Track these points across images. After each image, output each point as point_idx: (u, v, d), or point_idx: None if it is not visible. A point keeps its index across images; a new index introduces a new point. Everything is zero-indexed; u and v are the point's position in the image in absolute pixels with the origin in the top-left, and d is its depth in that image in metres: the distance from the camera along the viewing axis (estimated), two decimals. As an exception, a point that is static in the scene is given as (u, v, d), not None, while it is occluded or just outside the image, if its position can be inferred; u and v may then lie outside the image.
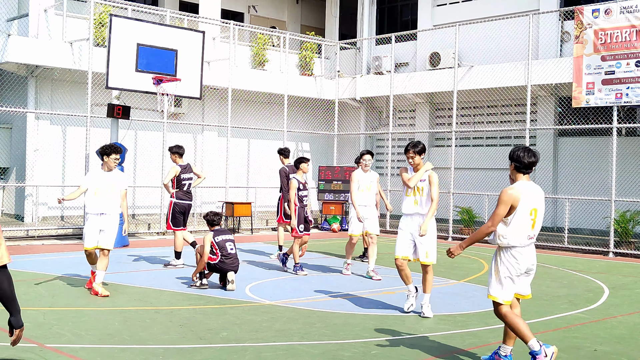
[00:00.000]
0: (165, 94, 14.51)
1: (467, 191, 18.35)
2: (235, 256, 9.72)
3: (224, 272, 9.62)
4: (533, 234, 5.94)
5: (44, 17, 16.38)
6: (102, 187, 9.16)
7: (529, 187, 5.87)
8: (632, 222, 15.38)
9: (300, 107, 21.37)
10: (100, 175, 9.28)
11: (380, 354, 6.46)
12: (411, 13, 23.00)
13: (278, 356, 6.28)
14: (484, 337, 7.18)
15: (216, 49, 19.48)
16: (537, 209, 5.89)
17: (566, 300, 9.45)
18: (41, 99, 16.89)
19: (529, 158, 5.86)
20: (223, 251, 9.57)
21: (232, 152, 19.46)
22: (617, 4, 14.87)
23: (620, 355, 6.65)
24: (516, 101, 19.03)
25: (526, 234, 5.86)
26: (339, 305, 8.69)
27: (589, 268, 12.93)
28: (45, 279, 10.14)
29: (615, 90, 14.88)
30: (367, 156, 11.04)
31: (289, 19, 26.18)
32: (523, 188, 5.84)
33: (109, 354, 6.21)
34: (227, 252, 9.59)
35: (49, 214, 17.00)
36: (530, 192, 5.85)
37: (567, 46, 18.40)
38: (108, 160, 9.26)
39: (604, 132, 16.59)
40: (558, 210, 18.28)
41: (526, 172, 5.91)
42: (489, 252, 15.10)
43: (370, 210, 11.17)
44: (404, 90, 20.44)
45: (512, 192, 5.79)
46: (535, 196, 5.88)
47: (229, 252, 9.61)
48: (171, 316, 7.82)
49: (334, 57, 22.55)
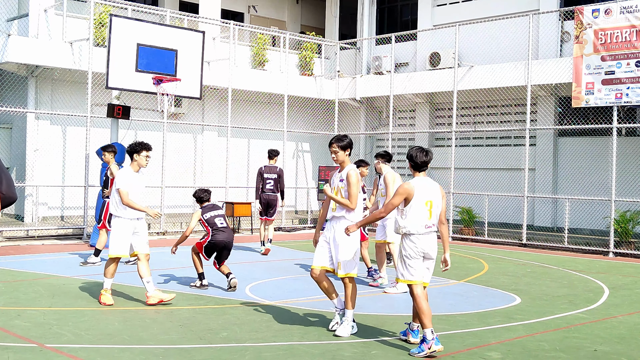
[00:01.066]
0: (165, 94, 14.50)
1: (467, 191, 18.34)
2: (228, 229, 9.53)
3: (220, 249, 9.41)
4: (431, 223, 6.67)
5: (44, 17, 16.38)
6: (136, 189, 8.45)
7: (425, 182, 6.72)
8: (632, 222, 15.38)
9: (300, 107, 21.37)
10: (132, 176, 8.49)
11: (380, 354, 6.46)
12: (411, 13, 22.99)
13: (278, 356, 6.28)
14: (484, 337, 7.18)
15: (216, 49, 19.48)
16: (432, 201, 6.66)
17: (566, 300, 9.45)
18: (41, 99, 16.89)
19: (422, 157, 6.74)
20: (213, 227, 9.43)
21: (232, 152, 19.45)
22: (617, 4, 14.87)
23: (620, 355, 6.65)
24: (516, 101, 19.02)
25: (423, 223, 6.62)
26: (339, 305, 8.68)
27: (589, 268, 12.93)
28: (43, 278, 10.14)
29: (615, 90, 14.88)
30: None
31: (289, 19, 26.18)
32: (418, 183, 6.68)
33: (109, 354, 6.21)
34: (217, 227, 9.42)
35: (49, 214, 17.00)
36: (424, 187, 6.68)
37: (567, 46, 18.40)
38: (139, 158, 8.46)
39: (604, 132, 16.59)
40: (558, 210, 18.29)
41: (421, 170, 6.76)
42: (489, 252, 15.11)
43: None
44: (404, 90, 20.44)
45: (407, 187, 6.66)
46: (430, 190, 6.69)
47: (220, 226, 9.43)
48: (171, 316, 7.82)
49: (334, 57, 22.55)
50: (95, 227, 14.54)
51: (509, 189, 18.16)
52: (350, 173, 7.13)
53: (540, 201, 18.53)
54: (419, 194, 6.61)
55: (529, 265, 13.04)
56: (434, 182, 6.77)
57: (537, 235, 17.10)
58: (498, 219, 18.21)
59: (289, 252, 14.17)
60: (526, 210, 16.71)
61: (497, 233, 17.62)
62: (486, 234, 17.22)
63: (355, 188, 7.09)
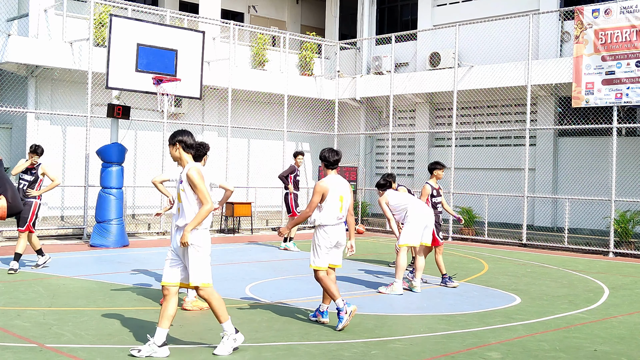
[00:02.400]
0: (165, 94, 14.51)
1: (467, 191, 18.34)
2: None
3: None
4: (341, 215, 7.54)
5: (44, 17, 16.38)
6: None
7: (336, 179, 7.55)
8: (632, 222, 15.38)
9: (300, 107, 21.37)
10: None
11: (380, 354, 6.46)
12: (411, 13, 23.00)
13: (278, 356, 6.28)
14: (484, 337, 7.18)
15: (216, 49, 19.49)
16: (343, 196, 7.52)
17: (566, 300, 9.45)
18: (41, 99, 16.89)
19: (333, 157, 7.57)
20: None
21: (232, 152, 19.46)
22: (617, 4, 14.87)
23: (620, 355, 6.65)
24: (516, 101, 19.02)
25: (335, 215, 7.47)
26: (339, 305, 8.68)
27: (589, 268, 12.93)
28: (43, 278, 10.14)
29: (615, 90, 14.88)
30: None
31: (289, 19, 26.18)
32: (332, 180, 7.50)
33: (109, 354, 6.21)
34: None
35: (49, 214, 17.00)
36: (337, 183, 7.51)
37: (567, 46, 18.40)
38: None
39: (604, 132, 16.59)
40: (558, 210, 18.29)
41: (333, 168, 7.58)
42: (489, 252, 15.11)
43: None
44: (404, 90, 20.45)
45: (322, 185, 7.45)
46: (341, 186, 7.54)
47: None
48: (171, 316, 7.81)
49: (334, 57, 22.55)
50: (95, 226, 14.57)
51: (509, 189, 18.17)
52: (189, 173, 6.16)
53: (540, 201, 18.53)
54: (333, 190, 7.45)
55: (529, 265, 13.04)
56: (344, 179, 7.69)
57: (537, 235, 17.10)
58: (498, 219, 18.20)
59: (289, 252, 14.17)
60: (526, 210, 16.71)
61: (497, 233, 17.62)
62: (486, 234, 17.21)
63: (201, 188, 6.14)
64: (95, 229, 14.51)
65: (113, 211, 14.47)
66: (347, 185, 7.66)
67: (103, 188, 14.66)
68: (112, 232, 14.37)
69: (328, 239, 7.45)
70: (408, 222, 9.75)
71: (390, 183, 10.19)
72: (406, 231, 9.73)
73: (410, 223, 9.73)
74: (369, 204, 21.33)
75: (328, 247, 7.47)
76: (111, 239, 14.31)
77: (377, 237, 17.97)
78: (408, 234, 9.71)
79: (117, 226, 14.45)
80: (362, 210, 20.79)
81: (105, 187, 14.61)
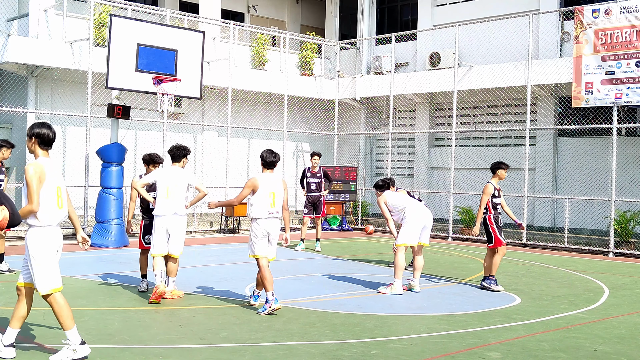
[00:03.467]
0: (165, 94, 14.51)
1: (467, 191, 18.34)
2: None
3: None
4: (274, 210, 8.10)
5: (44, 17, 16.38)
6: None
7: (269, 177, 8.19)
8: (632, 222, 15.38)
9: (300, 107, 21.37)
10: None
11: (380, 354, 6.46)
12: (411, 13, 23.00)
13: (278, 356, 6.28)
14: (484, 337, 7.18)
15: (216, 49, 19.48)
16: (274, 192, 8.11)
17: (566, 300, 9.45)
18: (41, 99, 16.89)
19: (271, 157, 8.27)
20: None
21: (232, 152, 19.45)
22: (617, 4, 14.87)
23: (620, 355, 6.65)
24: (516, 101, 19.02)
25: (266, 210, 8.06)
26: (339, 305, 8.69)
27: (589, 268, 12.93)
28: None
29: (615, 90, 14.88)
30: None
31: (289, 19, 26.19)
32: (264, 178, 8.16)
33: (109, 354, 6.21)
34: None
35: (49, 214, 16.97)
36: (268, 181, 8.14)
37: (567, 46, 18.40)
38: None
39: (604, 132, 16.59)
40: (558, 210, 18.29)
41: (269, 168, 8.28)
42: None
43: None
44: (404, 90, 20.45)
45: (253, 180, 8.11)
46: (273, 183, 8.14)
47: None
48: (171, 316, 7.82)
49: (334, 57, 22.55)
50: (95, 226, 14.57)
51: (509, 189, 18.15)
52: (25, 168, 5.71)
53: (540, 201, 18.53)
54: (263, 186, 8.08)
55: (529, 265, 13.04)
56: (278, 177, 8.32)
57: (537, 235, 17.10)
58: (498, 219, 18.16)
59: (289, 252, 14.16)
60: (526, 210, 16.70)
61: (497, 233, 17.58)
62: (486, 234, 17.18)
63: (32, 185, 5.66)
64: (96, 229, 14.51)
65: (113, 211, 14.48)
66: (281, 183, 8.27)
67: (103, 188, 14.66)
68: (112, 232, 14.38)
69: (260, 230, 8.05)
70: (406, 222, 9.75)
71: (388, 185, 10.22)
72: (404, 231, 9.74)
73: (409, 223, 9.74)
74: (369, 204, 21.33)
75: (261, 237, 8.07)
76: (111, 239, 14.32)
77: (377, 237, 17.97)
78: (406, 234, 9.72)
79: (117, 226, 14.46)
80: (362, 210, 20.79)
81: (105, 187, 14.62)
